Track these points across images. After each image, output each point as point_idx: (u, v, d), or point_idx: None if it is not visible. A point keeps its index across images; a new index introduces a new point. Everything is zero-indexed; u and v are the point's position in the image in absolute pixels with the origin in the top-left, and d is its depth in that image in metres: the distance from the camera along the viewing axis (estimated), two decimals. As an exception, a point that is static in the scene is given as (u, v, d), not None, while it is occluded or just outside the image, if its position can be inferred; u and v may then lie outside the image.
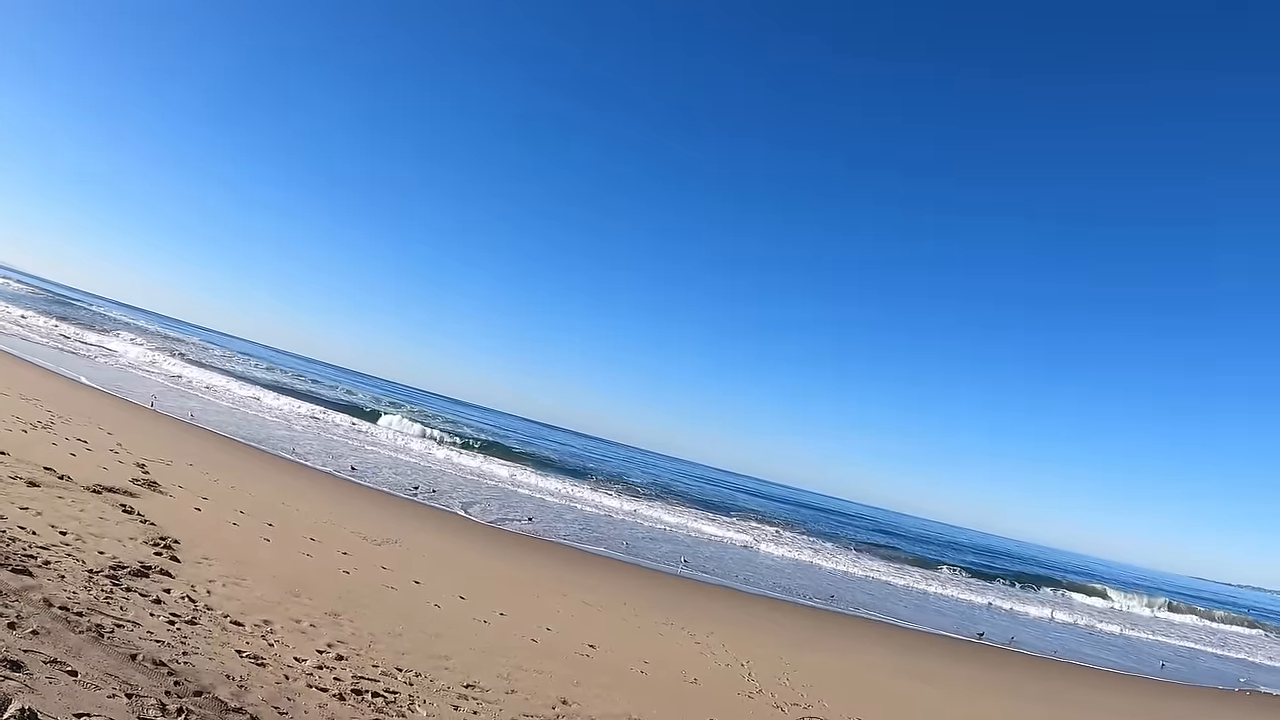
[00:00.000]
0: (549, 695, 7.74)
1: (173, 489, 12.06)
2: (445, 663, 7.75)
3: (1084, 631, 28.98)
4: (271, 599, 8.02)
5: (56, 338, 40.66)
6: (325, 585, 9.38)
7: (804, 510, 67.35)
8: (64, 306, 68.44)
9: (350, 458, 26.40)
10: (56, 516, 8.32)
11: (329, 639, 7.32)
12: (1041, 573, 51.35)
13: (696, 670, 10.65)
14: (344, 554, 11.61)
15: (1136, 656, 24.61)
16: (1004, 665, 17.77)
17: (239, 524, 11.33)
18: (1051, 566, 66.37)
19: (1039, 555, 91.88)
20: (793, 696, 10.51)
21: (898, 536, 61.41)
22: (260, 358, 77.15)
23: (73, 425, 14.96)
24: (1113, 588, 47.36)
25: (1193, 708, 17.66)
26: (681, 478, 73.42)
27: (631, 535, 25.62)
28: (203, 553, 8.85)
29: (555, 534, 21.45)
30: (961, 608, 28.22)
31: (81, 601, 5.93)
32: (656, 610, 14.13)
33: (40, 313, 52.09)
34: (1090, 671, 19.60)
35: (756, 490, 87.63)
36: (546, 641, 9.98)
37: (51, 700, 3.99)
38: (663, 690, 9.26)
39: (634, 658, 10.41)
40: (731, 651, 12.20)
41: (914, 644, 17.96)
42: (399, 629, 8.41)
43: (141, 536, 8.70)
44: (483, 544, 17.06)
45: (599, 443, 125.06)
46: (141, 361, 40.09)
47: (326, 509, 15.23)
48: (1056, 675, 17.90)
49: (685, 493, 50.01)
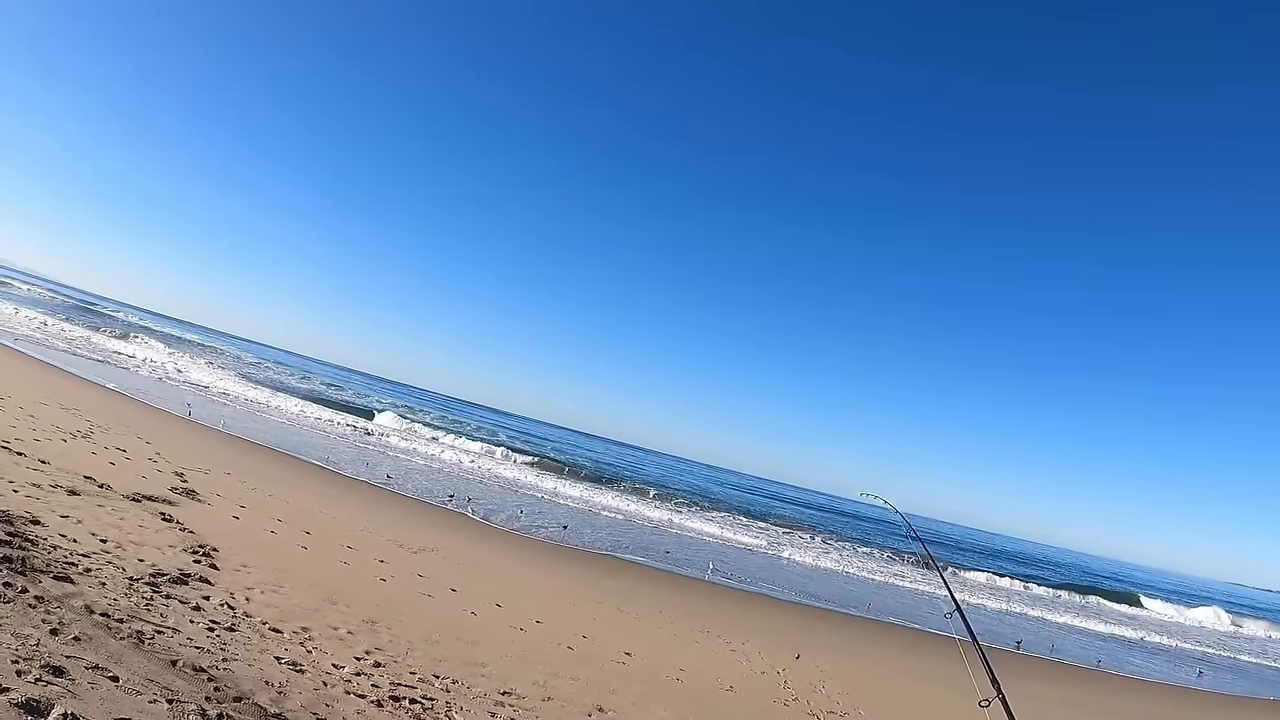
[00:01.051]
0: (585, 702, 7.65)
1: (211, 497, 12.18)
2: (482, 670, 7.70)
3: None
4: (309, 606, 8.03)
5: (90, 346, 41.47)
6: (362, 593, 9.39)
7: (840, 518, 66.66)
8: (94, 316, 69.84)
9: (385, 465, 26.59)
10: (97, 525, 8.41)
11: (366, 646, 7.30)
12: (1091, 582, 50.33)
13: (732, 678, 10.50)
14: (381, 562, 11.63)
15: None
16: (1037, 674, 17.37)
17: (276, 532, 11.40)
18: (1102, 574, 65.10)
19: (1078, 561, 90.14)
20: (828, 705, 10.32)
21: (942, 545, 60.65)
22: (293, 366, 78.28)
23: (112, 434, 15.19)
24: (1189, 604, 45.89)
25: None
26: (716, 485, 73.14)
27: (666, 543, 25.47)
28: (241, 560, 8.89)
29: (589, 542, 21.38)
30: (1016, 618, 27.70)
31: (122, 608, 5.96)
32: (692, 618, 14.00)
33: (70, 320, 53.18)
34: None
35: (794, 498, 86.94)
36: (582, 649, 9.90)
37: (94, 705, 3.99)
38: (699, 698, 9.13)
39: (670, 665, 10.29)
40: (767, 659, 12.03)
41: (952, 653, 17.59)
42: (436, 636, 8.38)
43: (181, 544, 8.77)
44: (517, 551, 17.04)
45: (632, 450, 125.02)
46: (173, 370, 40.75)
47: (363, 517, 15.30)
48: (1115, 690, 17.46)
49: (721, 499, 49.76)
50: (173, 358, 46.44)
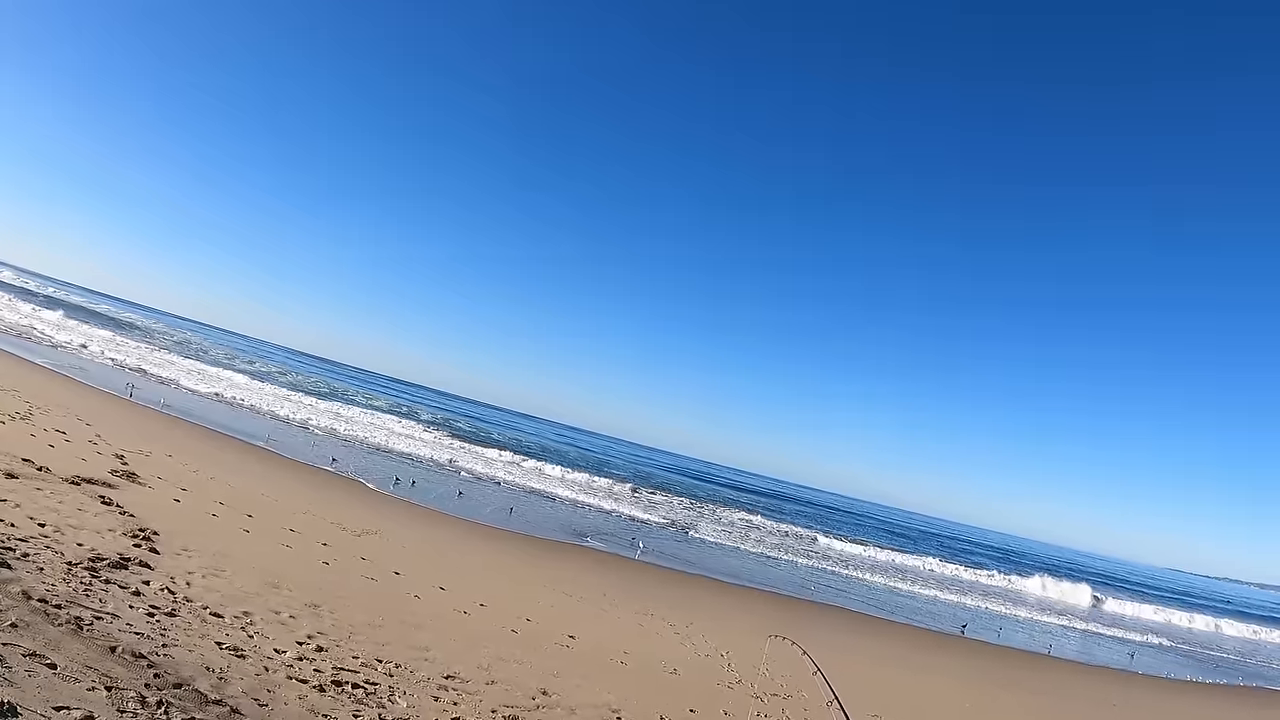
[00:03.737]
0: (529, 686, 7.80)
1: (152, 480, 12.00)
2: (425, 654, 7.80)
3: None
4: (251, 590, 8.02)
5: (30, 327, 40.11)
6: (305, 576, 9.39)
7: (789, 504, 67.78)
8: (33, 296, 67.41)
9: (327, 447, 26.34)
10: (35, 508, 8.27)
11: (309, 630, 7.34)
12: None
13: (676, 660, 10.76)
14: (324, 545, 11.61)
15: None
16: (978, 654, 18.04)
17: (218, 515, 11.31)
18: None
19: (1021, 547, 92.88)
20: (772, 686, 10.62)
21: (919, 537, 62.09)
22: (239, 348, 76.63)
23: (52, 416, 14.84)
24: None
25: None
26: (665, 470, 73.68)
27: (610, 528, 25.73)
28: (182, 544, 8.83)
29: (536, 527, 21.51)
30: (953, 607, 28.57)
31: (60, 594, 5.93)
32: (636, 601, 14.24)
33: (11, 299, 51.31)
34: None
35: (750, 486, 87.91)
36: (527, 632, 10.04)
37: (30, 693, 4.01)
38: (643, 681, 9.35)
39: (614, 648, 10.50)
40: (711, 642, 12.33)
41: (903, 636, 18.22)
42: (379, 620, 8.44)
43: (121, 528, 8.67)
44: (463, 536, 17.10)
45: (592, 436, 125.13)
46: (112, 351, 39.64)
47: (305, 500, 15.19)
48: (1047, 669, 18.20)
49: (668, 486, 50.17)
50: (112, 338, 45.16)
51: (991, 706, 12.99)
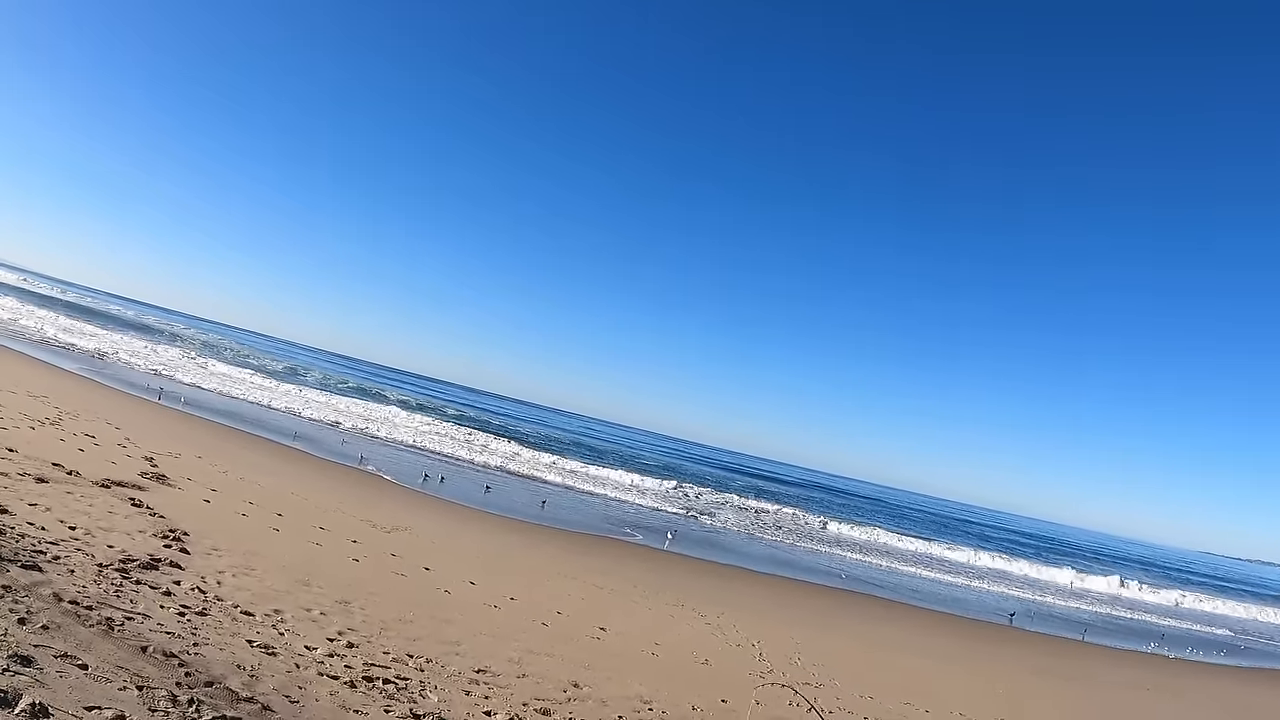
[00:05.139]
0: (560, 679, 7.76)
1: (181, 481, 12.10)
2: (456, 648, 7.77)
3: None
4: (281, 588, 8.04)
5: (59, 333, 40.75)
6: (335, 573, 9.41)
7: (820, 493, 67.45)
8: (61, 303, 68.52)
9: (360, 448, 26.50)
10: (65, 512, 8.34)
11: (339, 627, 7.34)
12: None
13: (708, 651, 10.67)
14: (354, 542, 11.64)
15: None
16: (1010, 641, 17.81)
17: (248, 515, 11.37)
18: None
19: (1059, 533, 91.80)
20: (804, 676, 10.51)
21: (935, 523, 61.62)
22: (268, 350, 77.46)
23: (81, 421, 15.01)
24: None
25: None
26: (696, 463, 73.58)
27: (642, 520, 25.68)
28: (212, 544, 8.87)
29: (567, 520, 21.51)
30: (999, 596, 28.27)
31: (91, 595, 5.94)
32: (667, 592, 14.16)
33: (41, 307, 52.16)
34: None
35: (782, 476, 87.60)
36: (557, 625, 10.00)
37: (62, 694, 4.00)
38: (674, 672, 9.28)
39: (645, 640, 10.44)
40: (743, 632, 12.22)
41: (935, 624, 18.03)
42: (409, 616, 8.43)
43: (151, 529, 8.72)
44: (493, 530, 17.10)
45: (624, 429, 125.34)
46: (143, 356, 40.17)
47: (335, 498, 15.26)
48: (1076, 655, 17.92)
49: (699, 478, 50.03)
50: (138, 342, 45.79)
51: (1023, 693, 12.80)
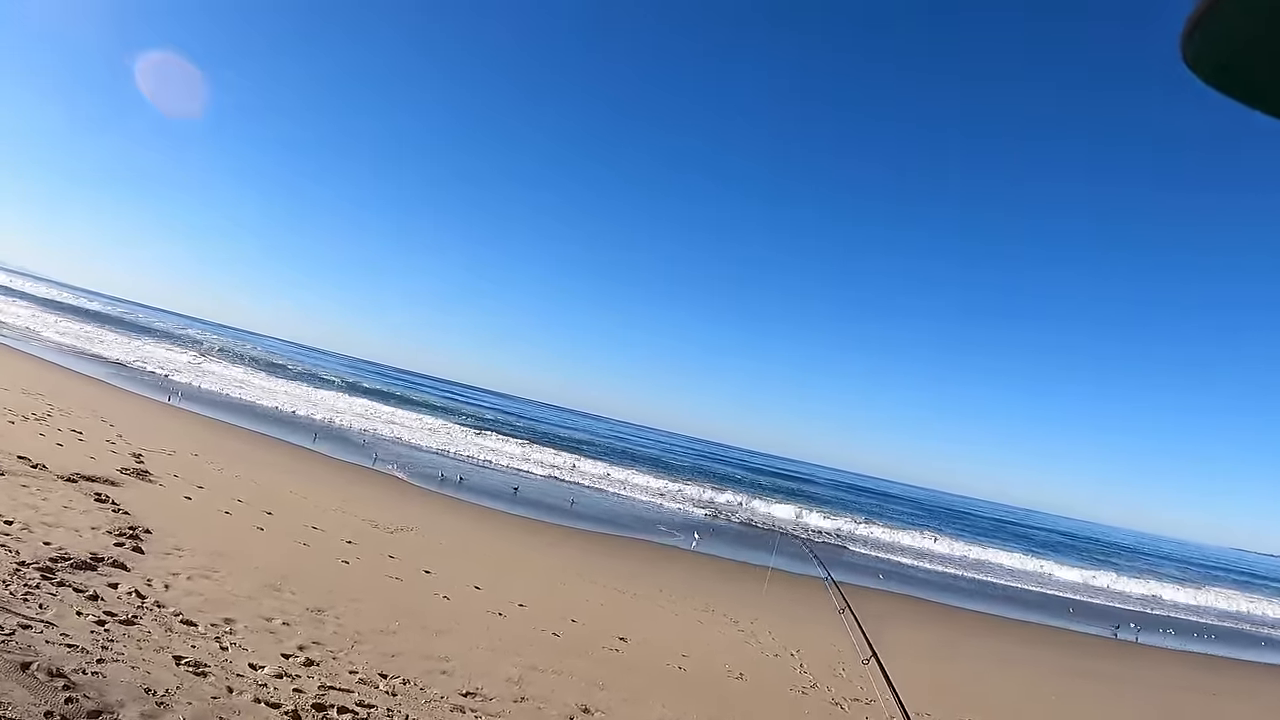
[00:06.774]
0: (566, 702, 6.51)
1: (165, 478, 11.10)
2: (444, 665, 6.56)
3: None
4: (244, 593, 6.91)
5: (73, 339, 40.53)
6: (316, 577, 8.29)
7: (852, 494, 65.63)
8: (67, 308, 68.93)
9: (378, 448, 25.57)
10: (9, 505, 7.36)
11: (302, 639, 6.17)
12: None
13: (741, 663, 9.39)
14: (348, 543, 10.54)
15: None
16: (1046, 643, 16.26)
17: (232, 513, 10.32)
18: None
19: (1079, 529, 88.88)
20: (852, 690, 9.21)
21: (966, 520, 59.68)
22: (282, 351, 77.44)
23: (72, 417, 14.15)
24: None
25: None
26: (722, 463, 72.11)
27: (668, 520, 24.41)
28: (176, 543, 7.80)
29: (588, 521, 20.30)
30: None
31: (-11, 599, 4.86)
32: (695, 596, 12.87)
33: (51, 311, 52.25)
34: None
35: (814, 477, 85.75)
36: (571, 635, 8.77)
37: None
38: (704, 689, 8.01)
39: (670, 651, 9.16)
40: (780, 640, 10.91)
41: (996, 629, 16.57)
42: (394, 625, 7.25)
43: (107, 526, 7.69)
44: (510, 531, 15.95)
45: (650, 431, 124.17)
46: (157, 356, 39.80)
47: (339, 497, 14.21)
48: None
49: (727, 478, 48.59)
50: (155, 346, 45.50)
51: (1073, 696, 11.42)
